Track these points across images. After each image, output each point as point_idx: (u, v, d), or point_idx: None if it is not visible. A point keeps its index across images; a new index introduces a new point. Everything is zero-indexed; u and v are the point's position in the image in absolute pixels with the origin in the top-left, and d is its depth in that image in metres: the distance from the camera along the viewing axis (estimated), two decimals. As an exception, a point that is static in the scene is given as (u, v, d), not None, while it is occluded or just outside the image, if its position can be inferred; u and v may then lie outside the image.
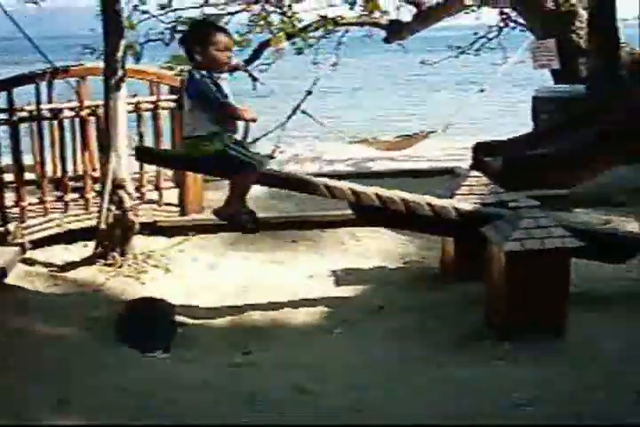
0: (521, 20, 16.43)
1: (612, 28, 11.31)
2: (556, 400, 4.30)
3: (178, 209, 7.88)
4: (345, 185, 5.58)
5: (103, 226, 6.60)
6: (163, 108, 7.85)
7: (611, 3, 11.29)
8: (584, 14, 12.80)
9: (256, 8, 15.55)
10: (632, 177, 10.53)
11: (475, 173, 6.51)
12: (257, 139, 14.79)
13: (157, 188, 7.90)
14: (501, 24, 17.68)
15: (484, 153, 9.38)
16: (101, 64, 6.87)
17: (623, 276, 6.36)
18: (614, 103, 9.58)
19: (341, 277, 6.48)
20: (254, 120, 5.14)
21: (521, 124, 14.19)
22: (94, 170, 7.50)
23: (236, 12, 15.77)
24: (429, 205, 5.59)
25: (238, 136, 5.22)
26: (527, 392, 4.38)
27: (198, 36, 5.14)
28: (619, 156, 9.32)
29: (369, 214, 5.80)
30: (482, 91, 15.88)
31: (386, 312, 5.73)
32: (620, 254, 5.93)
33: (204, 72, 4.98)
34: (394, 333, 5.36)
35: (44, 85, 7.33)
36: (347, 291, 6.23)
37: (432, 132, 15.10)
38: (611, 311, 5.64)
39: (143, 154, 5.67)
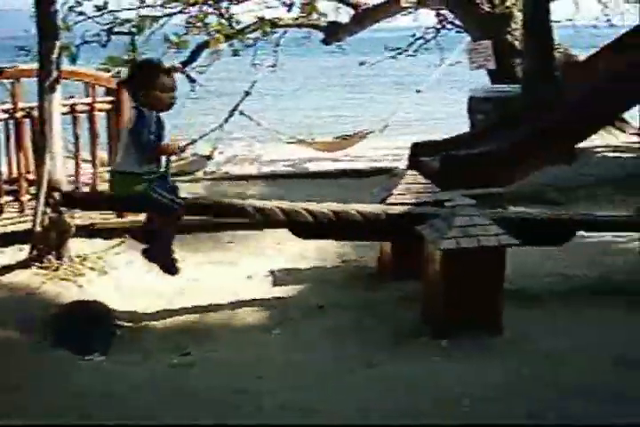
0: (458, 22, 16.60)
1: (547, 29, 11.48)
2: (491, 396, 4.35)
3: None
4: (274, 205, 5.62)
5: (38, 229, 6.51)
6: (99, 110, 7.78)
7: (545, 5, 11.47)
8: (519, 16, 12.96)
9: (193, 10, 15.50)
10: (566, 175, 10.71)
11: (411, 172, 6.57)
12: (195, 140, 14.76)
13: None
14: (438, 25, 17.83)
15: (421, 153, 9.46)
16: (36, 66, 6.78)
17: (559, 272, 6.47)
18: (549, 103, 9.72)
19: (279, 277, 6.49)
20: (182, 150, 5.28)
21: (458, 123, 14.32)
22: (29, 172, 7.40)
23: (174, 14, 15.70)
24: (360, 213, 5.62)
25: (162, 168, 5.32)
26: (464, 388, 4.43)
27: (142, 80, 5.21)
28: (553, 154, 9.47)
29: (303, 230, 5.81)
30: (419, 91, 16.00)
31: (324, 311, 5.74)
32: (556, 238, 6.01)
33: (151, 112, 5.09)
34: (331, 332, 5.38)
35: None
36: (285, 291, 6.24)
37: (370, 132, 15.19)
38: (546, 308, 5.74)
39: (69, 201, 5.65)
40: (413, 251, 5.51)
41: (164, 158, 5.33)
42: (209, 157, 13.90)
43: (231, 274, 6.61)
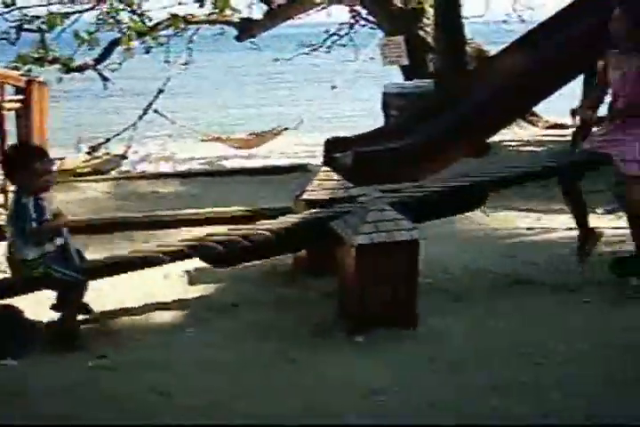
0: (371, 18, 16.72)
1: (458, 24, 11.64)
2: (408, 389, 4.40)
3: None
4: (179, 244, 5.56)
5: None
6: (8, 110, 7.64)
7: (455, 1, 11.62)
8: (431, 11, 13.11)
9: (105, 6, 15.32)
10: (479, 170, 10.85)
11: (325, 168, 6.59)
12: (108, 139, 14.61)
13: (3, 190, 7.66)
14: (352, 21, 17.93)
15: (335, 149, 9.49)
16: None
17: (474, 265, 6.55)
18: (461, 97, 9.83)
19: (195, 276, 6.44)
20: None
21: (374, 119, 14.41)
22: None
23: (85, 11, 15.50)
24: (270, 231, 5.57)
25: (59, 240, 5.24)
26: (381, 382, 4.47)
27: (17, 163, 5.18)
28: (464, 149, 9.59)
29: (218, 260, 5.73)
30: (334, 87, 16.07)
31: (240, 309, 5.72)
32: (471, 202, 6.12)
33: (29, 197, 5.03)
34: (248, 329, 5.36)
35: None
36: (200, 290, 6.19)
37: (285, 128, 15.20)
38: (461, 301, 5.80)
39: None
40: (328, 247, 5.52)
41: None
42: (123, 156, 13.77)
43: (146, 274, 6.52)
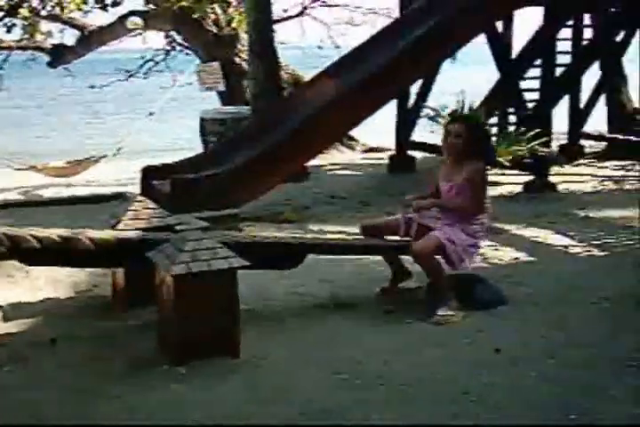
0: (187, 44, 16.70)
1: (271, 50, 11.77)
2: (228, 420, 4.39)
3: None
4: None
5: None
6: None
7: (269, 27, 11.75)
8: (245, 37, 13.20)
9: None
10: (298, 193, 11.02)
11: (140, 197, 6.49)
12: None
13: None
14: (168, 47, 17.85)
15: (152, 176, 9.38)
16: None
17: (293, 291, 6.61)
18: (276, 122, 9.93)
19: (9, 311, 6.21)
20: None
21: (195, 145, 14.36)
22: None
23: None
24: (90, 239, 5.46)
25: None
26: (202, 413, 4.44)
27: None
28: (284, 173, 9.67)
29: (29, 257, 5.57)
30: (151, 114, 15.92)
31: (58, 345, 5.55)
32: (289, 261, 6.11)
33: None
34: (67, 365, 5.20)
35: None
36: (16, 325, 5.98)
37: (103, 156, 14.93)
38: (283, 326, 5.84)
39: None
40: (147, 277, 5.44)
41: None
42: None
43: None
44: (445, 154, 6.35)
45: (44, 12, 15.65)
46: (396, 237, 6.39)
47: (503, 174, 11.44)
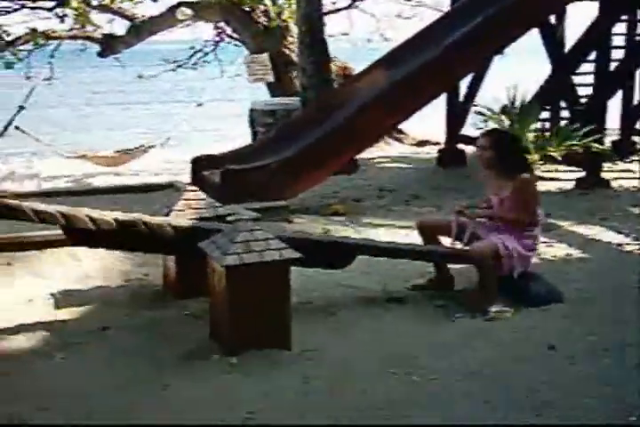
0: (236, 35, 16.70)
1: (322, 42, 11.72)
2: (282, 411, 4.37)
3: None
4: (54, 209, 5.37)
5: None
6: None
7: (319, 19, 11.70)
8: (295, 29, 13.16)
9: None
10: (348, 186, 10.99)
11: (191, 187, 6.49)
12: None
13: None
14: (217, 38, 17.87)
15: (202, 166, 9.40)
16: None
17: (345, 283, 6.56)
18: (327, 115, 9.89)
19: (62, 299, 6.25)
20: None
21: (242, 136, 14.37)
22: None
23: None
24: (145, 223, 5.47)
25: None
26: (254, 405, 4.41)
27: None
28: (334, 167, 9.63)
29: (84, 237, 5.59)
30: (200, 105, 15.96)
31: (110, 333, 5.57)
32: (339, 261, 6.08)
33: None
34: (119, 354, 5.22)
35: None
36: (68, 313, 6.00)
37: (152, 146, 15.01)
38: (334, 319, 5.81)
39: None
40: (199, 267, 5.43)
41: None
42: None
43: (10, 298, 6.31)
44: (482, 168, 6.30)
45: (94, 2, 15.76)
46: (448, 244, 6.36)
47: (556, 170, 11.31)
